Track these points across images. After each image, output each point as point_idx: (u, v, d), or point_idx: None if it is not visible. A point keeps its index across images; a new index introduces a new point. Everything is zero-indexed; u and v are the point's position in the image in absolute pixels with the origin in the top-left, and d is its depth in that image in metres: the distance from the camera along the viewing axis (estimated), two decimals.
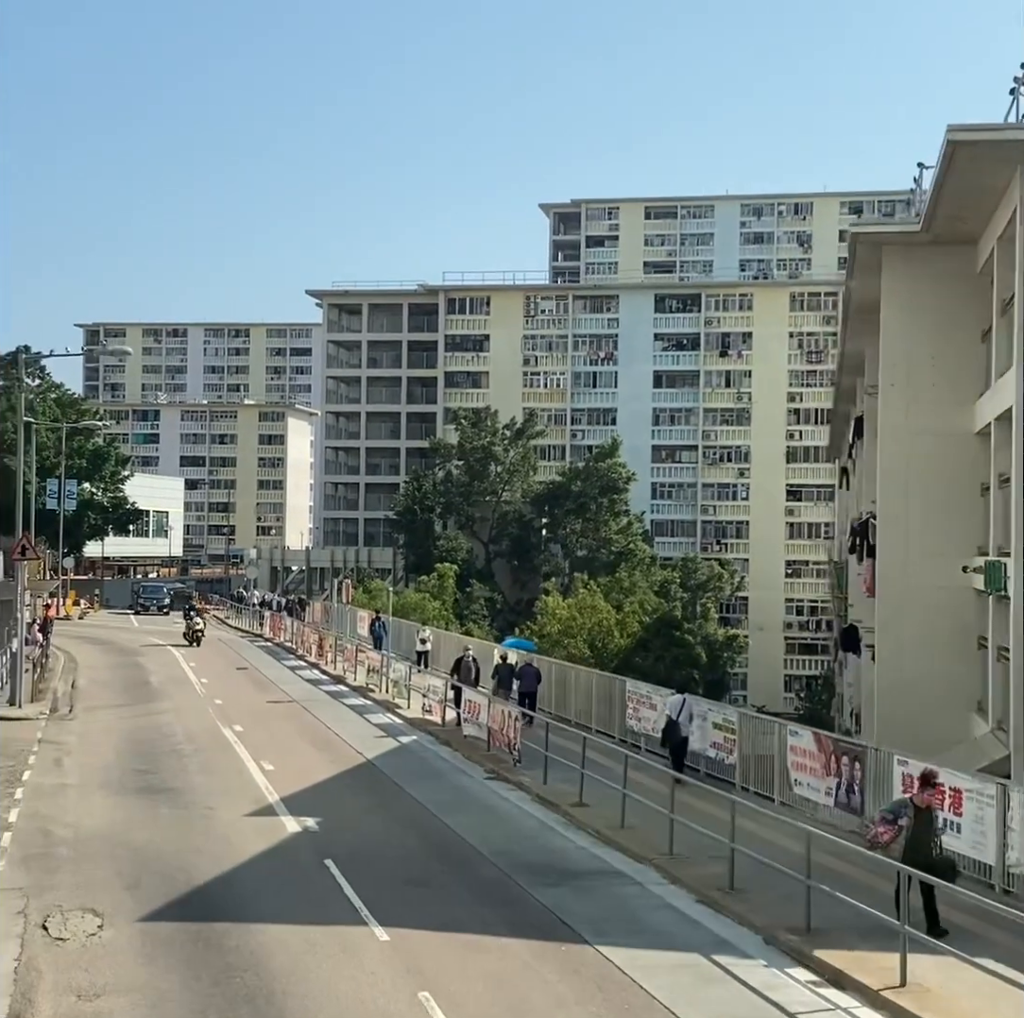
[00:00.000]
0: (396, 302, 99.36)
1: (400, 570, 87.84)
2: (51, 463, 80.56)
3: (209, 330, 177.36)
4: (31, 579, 45.85)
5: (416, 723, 28.85)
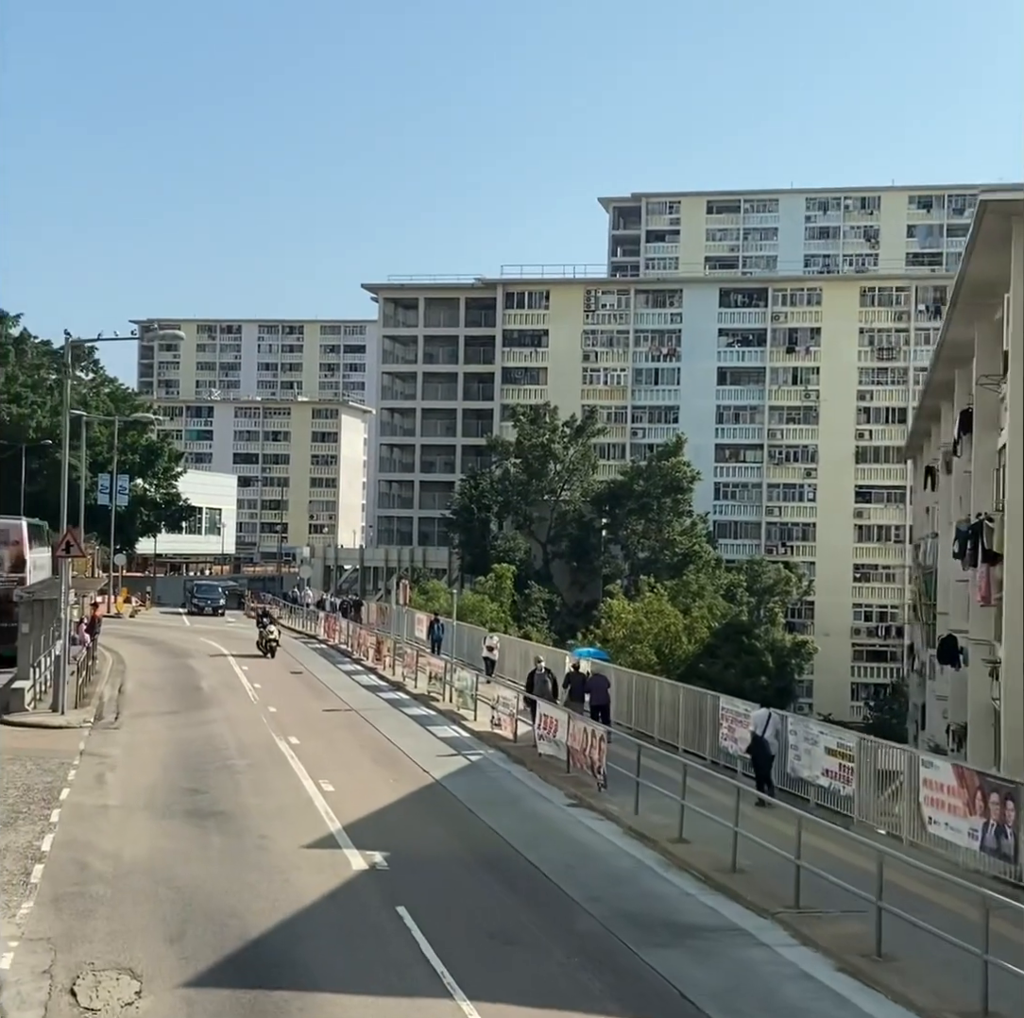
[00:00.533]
0: (453, 296, 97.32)
1: (455, 570, 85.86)
2: (104, 458, 79.35)
3: (263, 327, 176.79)
4: (79, 577, 44.22)
5: (485, 737, 26.67)
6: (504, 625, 62.02)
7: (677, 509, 76.74)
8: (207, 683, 35.73)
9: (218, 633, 54.42)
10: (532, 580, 74.02)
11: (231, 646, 47.23)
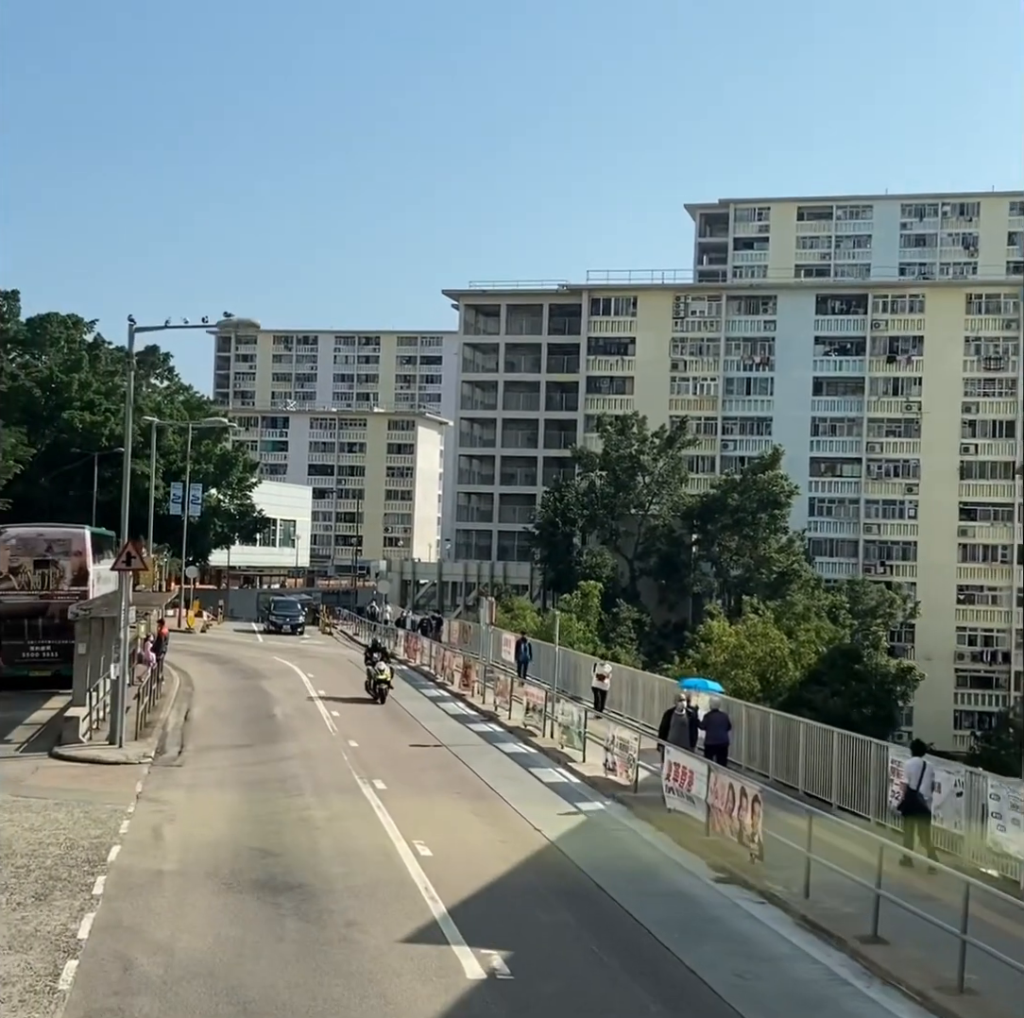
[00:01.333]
0: (536, 303, 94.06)
1: (536, 587, 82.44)
2: (177, 468, 77.08)
3: (340, 337, 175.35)
4: (144, 591, 41.38)
5: (599, 785, 23.09)
6: (593, 646, 58.48)
7: (774, 525, 72.64)
8: (281, 709, 32.57)
9: (293, 651, 51.47)
10: (619, 598, 70.34)
11: (307, 666, 44.15)
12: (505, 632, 45.90)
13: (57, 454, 78.74)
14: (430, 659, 44.53)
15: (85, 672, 26.46)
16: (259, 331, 27.25)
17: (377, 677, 34.93)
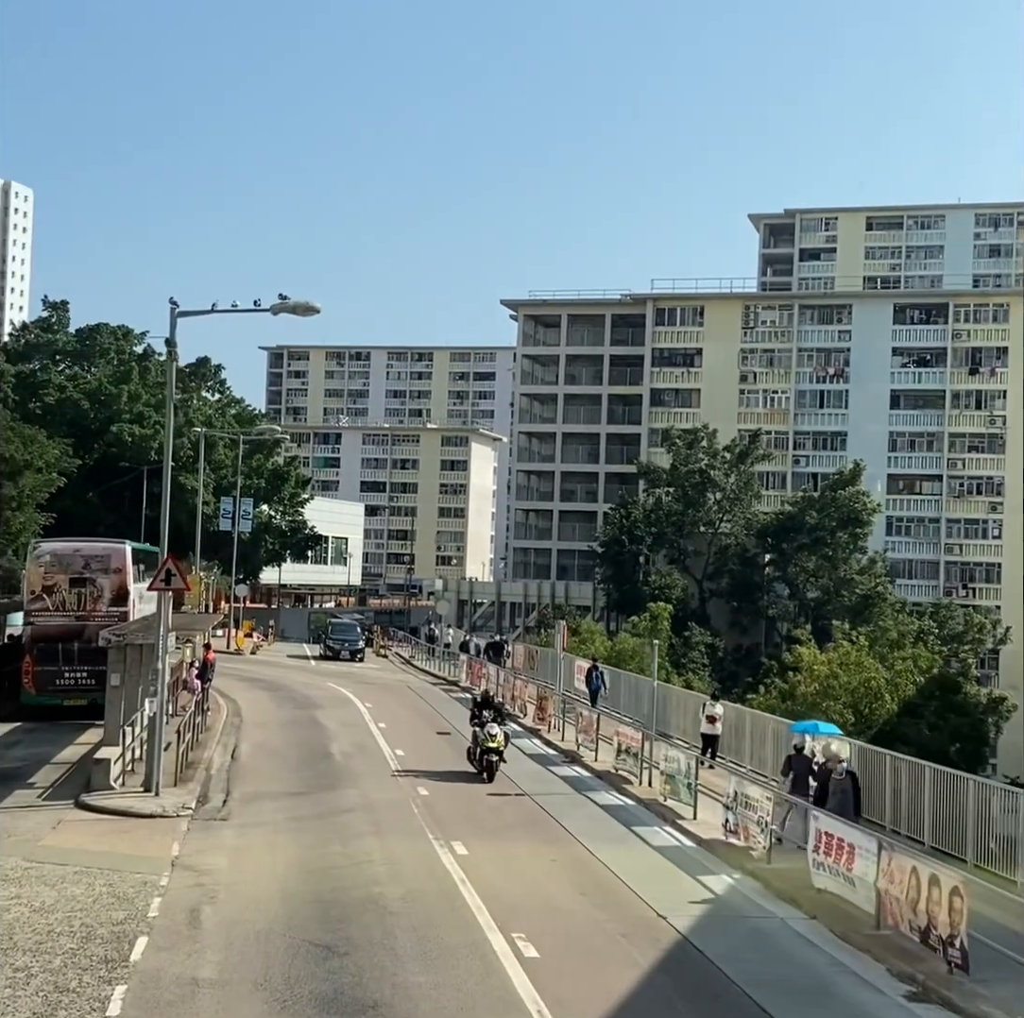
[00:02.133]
0: (598, 313, 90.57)
1: (599, 608, 78.73)
2: (228, 482, 74.26)
3: (392, 353, 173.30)
4: (188, 612, 38.20)
5: (718, 850, 19.38)
6: (664, 672, 54.69)
7: (854, 544, 68.47)
8: (338, 746, 29.11)
9: (347, 676, 48.08)
10: (690, 621, 66.43)
11: (364, 694, 40.70)
12: (579, 659, 42.22)
13: (105, 468, 76.36)
14: (497, 687, 40.92)
15: (119, 706, 23.18)
16: (318, 313, 23.96)
17: (486, 745, 25.28)
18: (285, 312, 22.53)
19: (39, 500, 55.67)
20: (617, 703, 36.67)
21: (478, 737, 25.60)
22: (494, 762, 25.05)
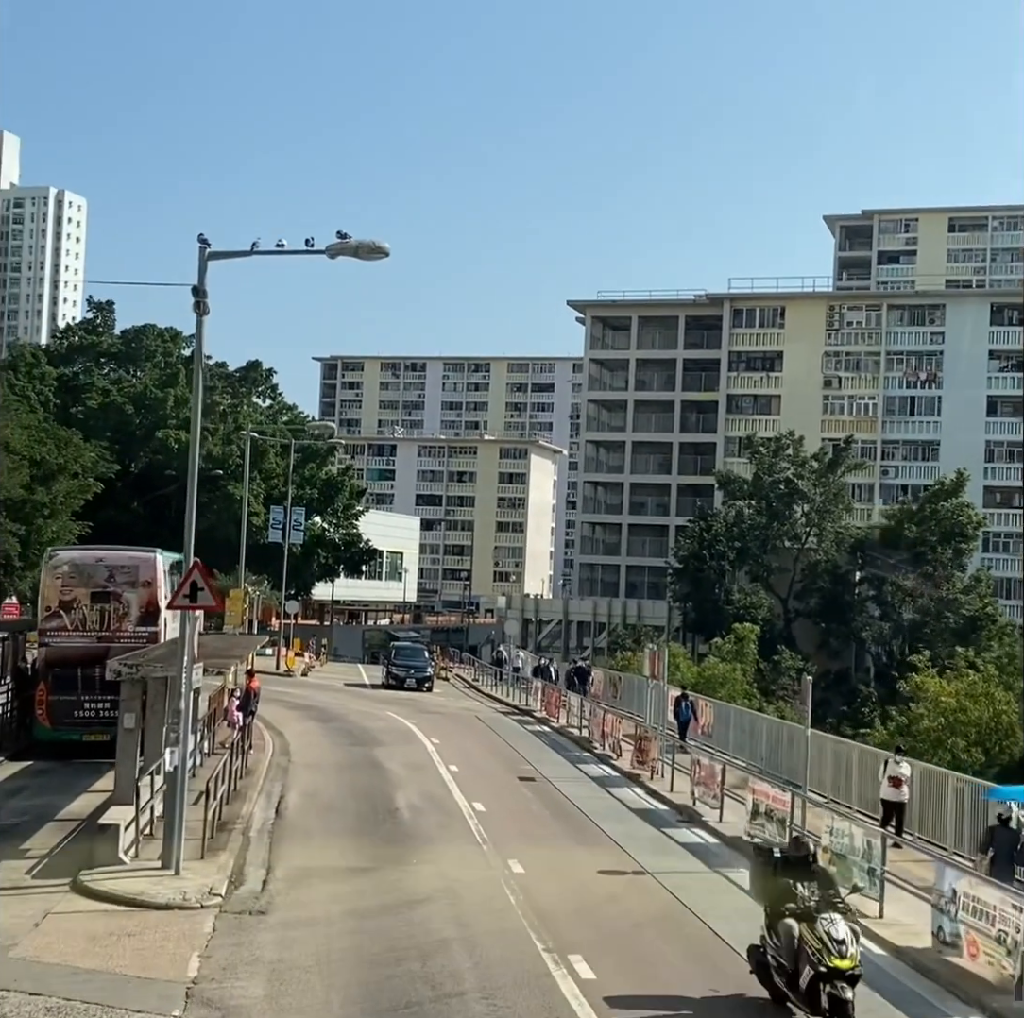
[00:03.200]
0: (670, 314, 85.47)
1: (673, 628, 73.36)
2: (279, 493, 69.85)
3: (448, 364, 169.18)
4: (231, 631, 33.52)
5: (935, 970, 14.13)
6: (751, 700, 49.37)
7: (958, 561, 62.68)
8: (405, 797, 24.12)
9: (408, 703, 43.15)
10: (777, 643, 60.95)
11: (428, 726, 35.74)
12: (672, 689, 37.07)
13: (151, 477, 72.34)
14: (580, 720, 35.84)
15: (134, 754, 18.38)
16: (386, 255, 19.73)
17: (829, 962, 11.61)
18: (346, 254, 17.77)
19: (74, 507, 51.36)
20: (724, 742, 31.47)
21: (795, 938, 11.95)
22: (846, 1002, 11.55)
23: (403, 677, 48.94)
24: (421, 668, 50.30)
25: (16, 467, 47.41)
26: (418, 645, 57.22)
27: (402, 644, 56.64)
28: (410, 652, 52.65)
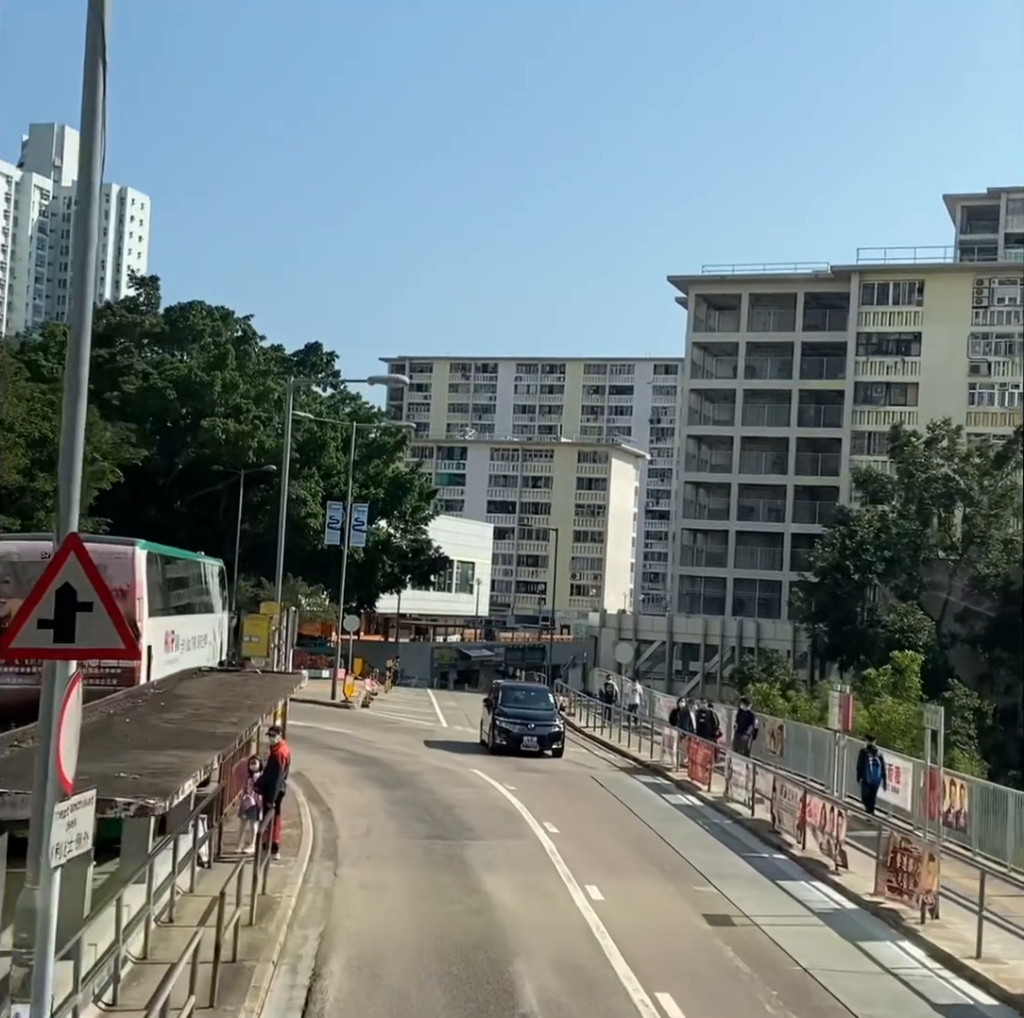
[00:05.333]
0: (787, 291, 74.55)
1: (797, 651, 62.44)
2: (340, 492, 60.08)
3: (521, 365, 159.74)
4: (260, 664, 23.36)
5: None
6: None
7: None
8: (531, 971, 13.57)
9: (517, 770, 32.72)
10: (935, 674, 49.75)
11: (534, 797, 25.28)
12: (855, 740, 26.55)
13: (197, 473, 63.04)
14: (750, 792, 25.21)
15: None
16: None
17: None
18: None
19: (87, 500, 41.85)
20: None
21: None
22: None
23: (518, 735, 33.03)
24: (545, 721, 33.80)
25: (9, 446, 38.02)
26: (538, 687, 40.98)
27: (513, 685, 39.73)
28: (526, 695, 35.93)
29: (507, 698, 34.44)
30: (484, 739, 34.46)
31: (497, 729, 33.19)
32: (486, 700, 35.57)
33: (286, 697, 18.22)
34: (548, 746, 32.96)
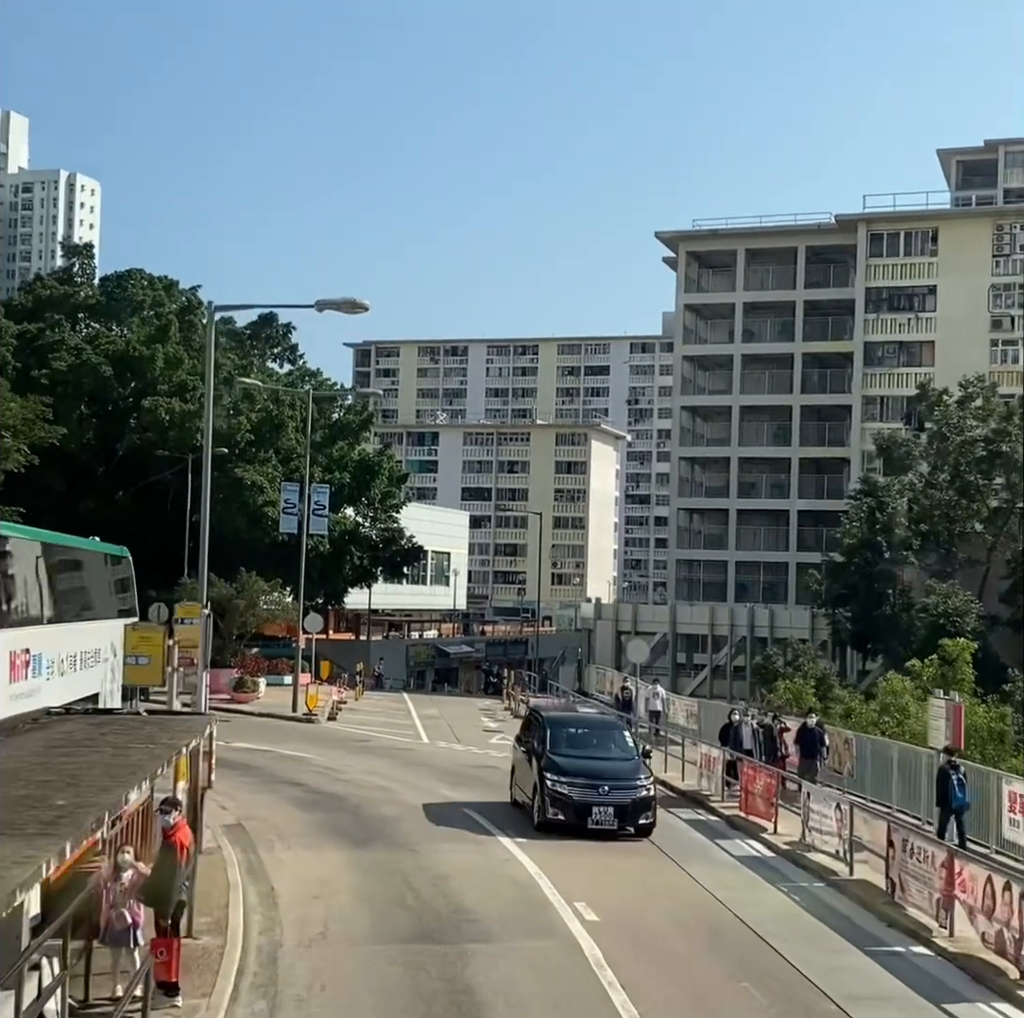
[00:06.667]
0: (786, 246, 68.05)
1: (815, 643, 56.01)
2: (300, 476, 53.00)
3: (492, 347, 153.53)
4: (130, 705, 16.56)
5: None
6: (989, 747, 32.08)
7: None
8: None
9: (485, 783, 25.97)
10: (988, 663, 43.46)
11: (547, 857, 18.68)
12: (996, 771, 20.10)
13: (140, 459, 56.34)
14: (842, 838, 18.65)
15: None
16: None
17: None
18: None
19: None
20: None
21: None
22: None
23: (583, 803, 20.30)
24: (625, 779, 20.84)
25: None
26: (603, 718, 26.14)
27: (564, 718, 23.86)
28: (588, 734, 22.50)
29: (559, 739, 21.50)
30: (520, 800, 22.47)
31: (549, 794, 20.28)
32: (521, 739, 23.35)
33: (179, 758, 11.36)
34: (632, 820, 20.29)
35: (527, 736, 22.99)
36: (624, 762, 21.36)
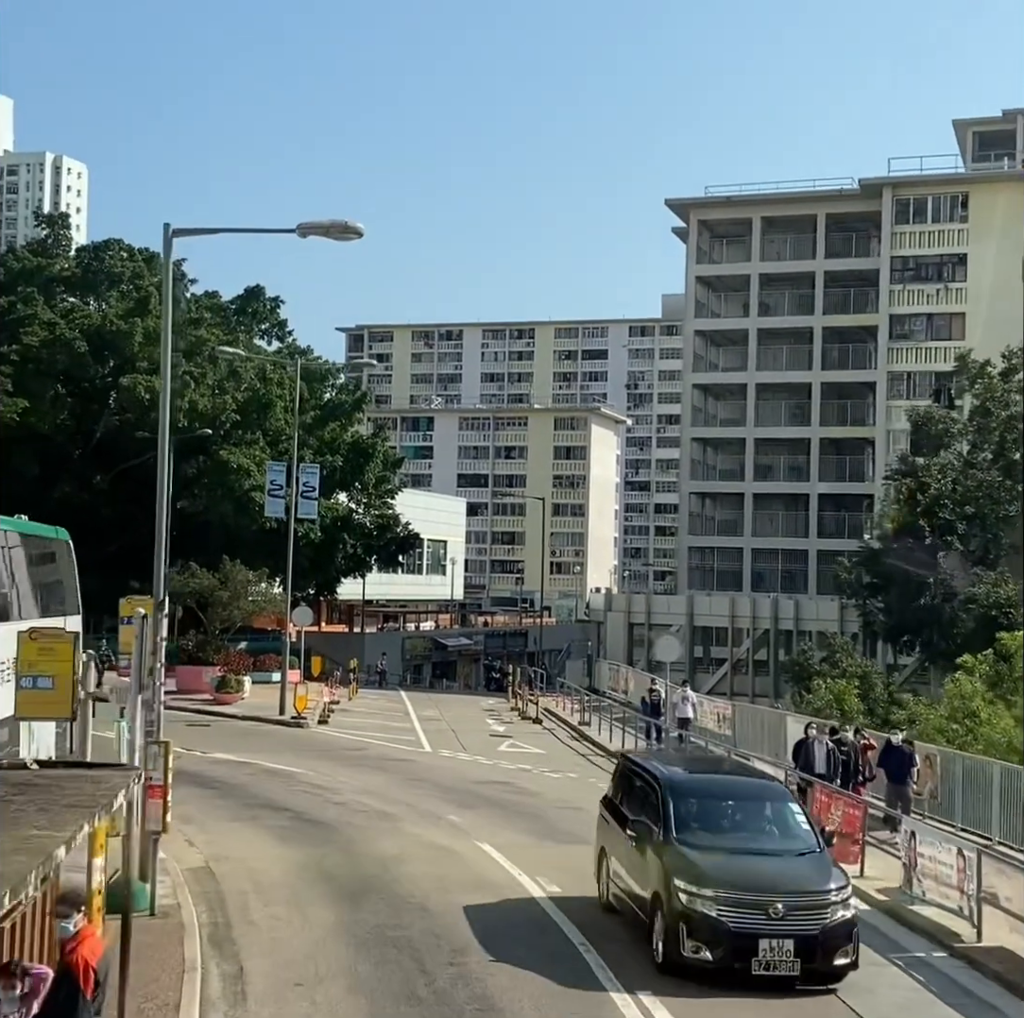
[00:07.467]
0: (805, 213, 64.01)
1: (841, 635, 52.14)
2: (289, 458, 48.99)
3: (488, 331, 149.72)
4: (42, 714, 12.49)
5: None
6: None
7: None
8: None
9: (509, 808, 22.09)
10: None
11: (579, 886, 14.75)
12: None
13: (119, 441, 52.72)
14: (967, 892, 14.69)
15: None
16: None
17: None
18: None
19: None
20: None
21: None
22: None
23: (747, 934, 12.19)
24: (808, 897, 12.59)
25: None
26: (753, 781, 15.51)
27: (693, 782, 14.71)
28: (736, 808, 14.26)
29: (687, 817, 13.67)
30: (614, 902, 14.68)
31: (683, 915, 12.43)
32: (613, 805, 15.37)
33: (89, 824, 7.14)
34: (823, 960, 12.43)
35: (626, 803, 14.87)
36: (801, 859, 13.29)
